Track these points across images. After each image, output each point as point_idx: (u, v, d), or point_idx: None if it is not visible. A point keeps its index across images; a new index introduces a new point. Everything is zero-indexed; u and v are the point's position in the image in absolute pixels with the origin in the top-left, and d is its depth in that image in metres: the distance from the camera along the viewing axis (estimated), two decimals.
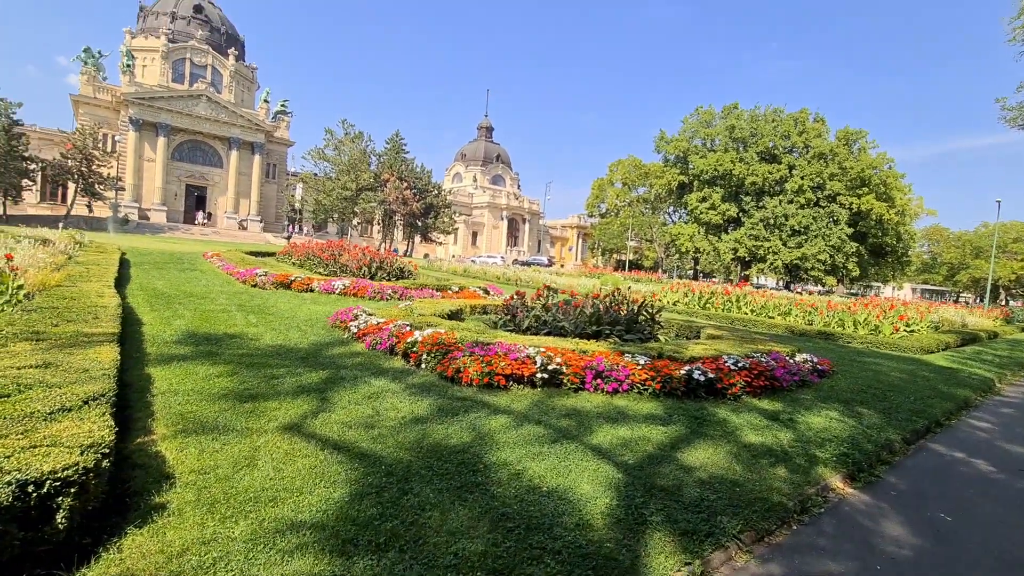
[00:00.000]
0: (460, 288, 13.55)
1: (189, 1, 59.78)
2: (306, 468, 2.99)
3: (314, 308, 9.28)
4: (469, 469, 3.17)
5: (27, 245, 11.97)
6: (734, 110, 61.30)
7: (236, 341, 6.31)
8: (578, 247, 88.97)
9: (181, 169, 52.35)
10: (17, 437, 2.33)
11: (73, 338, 4.74)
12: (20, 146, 37.83)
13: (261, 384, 4.58)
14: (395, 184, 48.30)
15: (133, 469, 2.82)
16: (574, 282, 21.48)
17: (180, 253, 19.45)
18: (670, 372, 5.37)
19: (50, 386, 3.19)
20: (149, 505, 2.46)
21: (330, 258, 16.16)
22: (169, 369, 4.85)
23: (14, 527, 1.87)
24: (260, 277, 12.01)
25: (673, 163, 64.12)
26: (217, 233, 46.91)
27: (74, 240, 16.90)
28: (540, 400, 4.80)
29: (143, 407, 3.80)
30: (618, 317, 8.14)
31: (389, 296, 11.60)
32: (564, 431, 4.02)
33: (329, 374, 5.08)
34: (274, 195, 59.14)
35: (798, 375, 6.42)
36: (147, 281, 11.32)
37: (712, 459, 3.78)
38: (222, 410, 3.84)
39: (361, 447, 3.38)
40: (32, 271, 8.40)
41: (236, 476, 2.83)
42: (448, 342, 5.66)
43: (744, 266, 59.72)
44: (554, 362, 5.28)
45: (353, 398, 4.40)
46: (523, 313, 8.11)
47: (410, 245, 57.43)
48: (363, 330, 6.83)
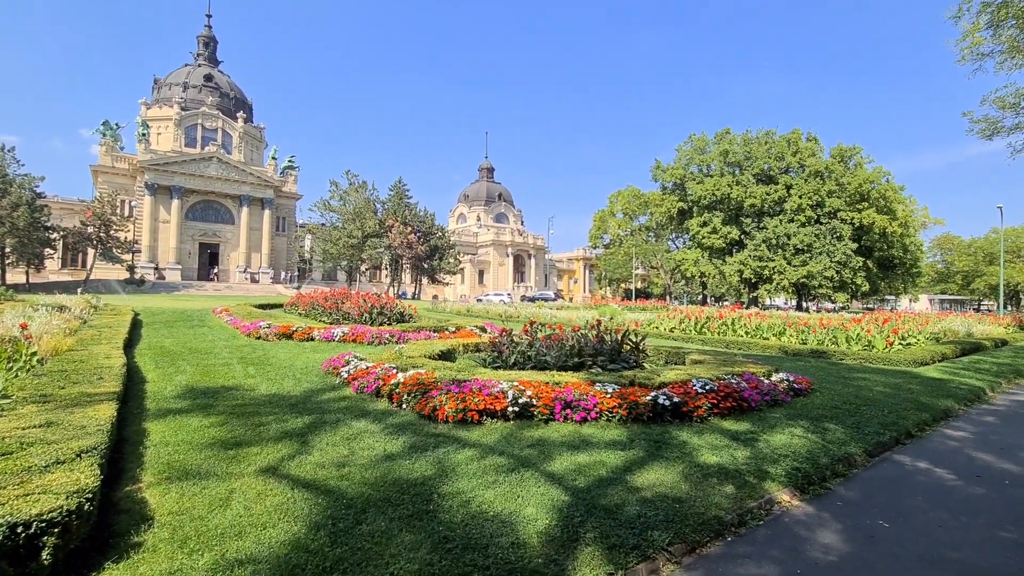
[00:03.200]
0: (457, 328, 13.90)
1: (200, 71, 63.41)
2: (274, 506, 3.30)
3: (312, 356, 9.66)
4: (423, 499, 3.45)
5: (44, 313, 12.62)
6: (726, 135, 62.55)
7: (232, 393, 6.67)
8: (585, 279, 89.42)
9: (195, 228, 54.30)
10: (13, 488, 2.68)
11: (77, 398, 5.14)
12: (42, 217, 39.69)
13: (247, 432, 4.91)
14: (400, 229, 49.54)
15: (118, 514, 3.14)
16: (573, 315, 21.76)
17: (191, 310, 20.13)
18: (636, 398, 5.61)
19: (49, 443, 3.56)
20: (128, 544, 2.78)
21: (333, 306, 16.68)
22: (164, 423, 5.21)
23: (4, 563, 2.20)
24: (264, 330, 12.48)
25: (671, 191, 65.09)
26: (230, 287, 48.13)
27: (90, 304, 17.64)
28: (510, 433, 5.06)
29: (135, 458, 4.15)
30: (601, 348, 8.41)
31: (387, 340, 11.97)
32: (524, 460, 4.28)
33: (314, 419, 5.41)
34: (284, 247, 60.78)
35: (769, 395, 6.60)
36: (156, 340, 11.82)
37: (662, 479, 4.00)
38: (207, 457, 4.18)
39: (329, 485, 3.68)
40: (46, 338, 8.92)
41: (209, 516, 3.14)
42: (427, 381, 5.98)
43: (752, 288, 59.56)
44: (525, 395, 5.56)
45: (332, 440, 4.71)
46: (509, 349, 8.42)
47: (418, 287, 58.29)
48: (353, 375, 7.17)
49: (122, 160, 52.86)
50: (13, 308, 14.85)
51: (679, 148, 65.16)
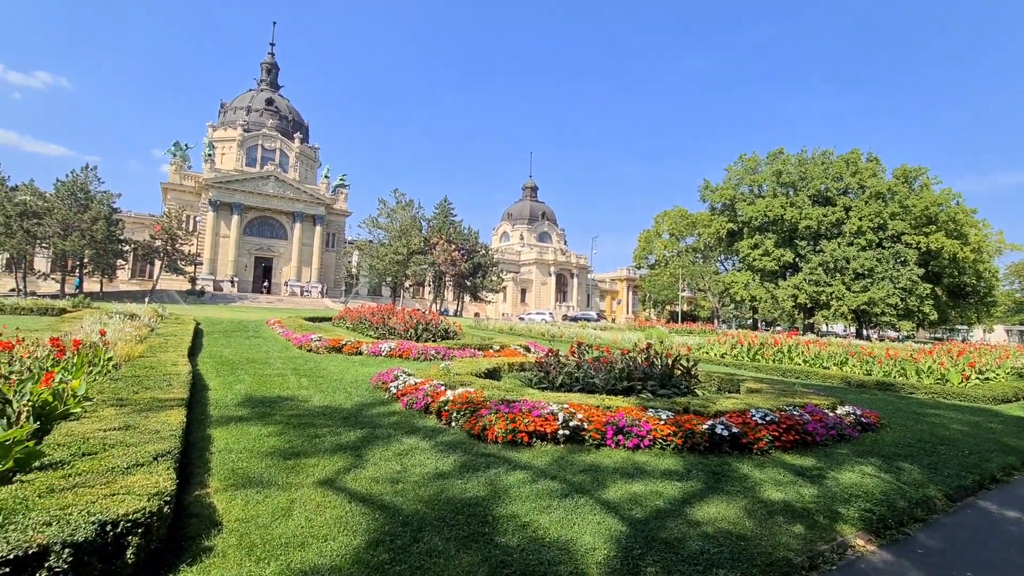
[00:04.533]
0: (502, 347, 13.92)
1: (262, 95, 67.44)
2: (333, 518, 3.35)
3: (361, 370, 9.88)
4: (478, 520, 3.42)
5: (117, 320, 13.52)
6: (779, 155, 60.80)
7: (288, 403, 6.89)
8: (628, 300, 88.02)
9: (251, 243, 57.12)
10: (101, 487, 2.84)
11: (150, 403, 5.43)
12: (117, 231, 42.81)
13: (304, 443, 5.04)
14: (444, 247, 50.46)
15: (190, 517, 3.28)
16: (618, 336, 21.39)
17: (247, 321, 21.07)
18: (692, 427, 5.41)
19: (128, 445, 3.77)
20: (200, 548, 2.88)
21: (380, 321, 17.08)
22: (227, 430, 5.43)
23: (95, 559, 2.32)
24: (315, 342, 12.89)
25: (720, 211, 63.57)
26: (281, 300, 50.15)
27: (157, 313, 18.77)
28: (561, 456, 4.98)
29: (202, 463, 4.33)
30: (651, 372, 8.20)
31: (432, 357, 12.11)
32: (578, 486, 4.19)
33: (366, 433, 5.50)
34: (333, 262, 62.99)
35: (835, 429, 6.22)
36: (215, 349, 12.41)
37: (723, 514, 3.82)
38: (268, 466, 4.31)
39: (385, 500, 3.71)
40: (120, 344, 9.52)
41: (273, 524, 3.22)
42: (476, 400, 5.99)
43: (807, 313, 56.96)
44: (576, 418, 5.47)
45: (384, 455, 4.77)
46: (556, 370, 8.34)
47: (460, 305, 58.95)
48: (402, 390, 7.28)
49: (189, 178, 56.56)
50: (91, 315, 15.99)
51: (729, 168, 63.82)
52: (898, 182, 55.62)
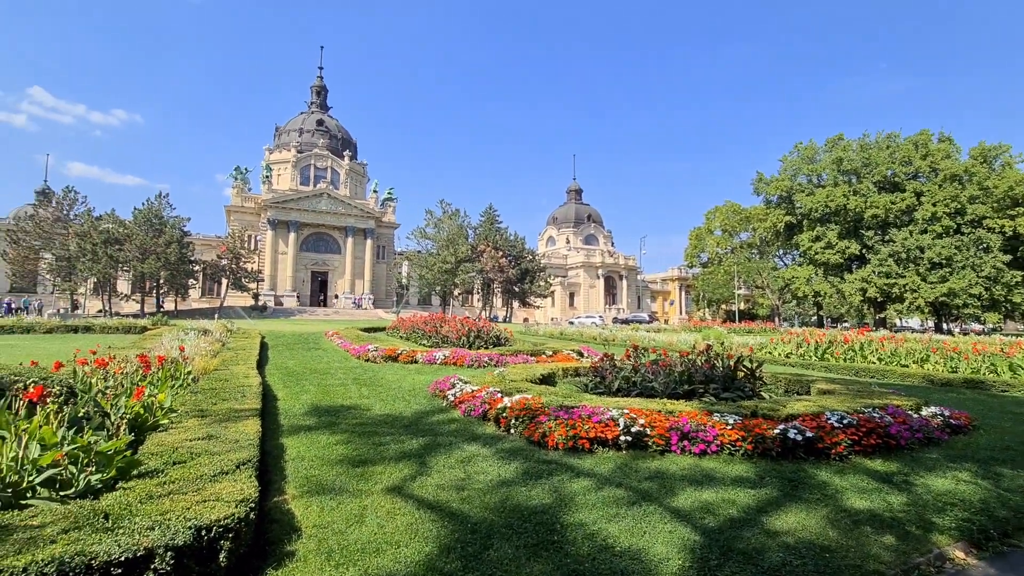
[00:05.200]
0: (554, 352, 13.86)
1: (312, 117, 70.69)
2: (404, 525, 3.43)
3: (417, 379, 10.09)
4: (546, 528, 3.40)
5: (193, 336, 14.44)
6: (839, 142, 57.61)
7: (351, 412, 7.13)
8: (681, 300, 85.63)
9: (307, 258, 59.77)
10: (192, 494, 3.03)
11: (227, 414, 5.76)
12: (188, 253, 45.92)
13: (370, 450, 5.20)
14: (491, 254, 50.94)
15: (271, 523, 3.44)
16: (673, 338, 20.82)
17: (306, 333, 22.01)
18: (763, 431, 5.18)
19: (212, 454, 4.01)
20: (282, 552, 3.02)
21: (432, 330, 17.40)
22: (297, 438, 5.67)
23: (193, 562, 2.48)
24: (372, 352, 13.29)
25: (776, 204, 60.83)
26: (337, 312, 52.11)
27: (226, 329, 19.94)
28: (624, 463, 4.88)
29: (278, 471, 4.54)
30: (712, 374, 7.92)
31: (486, 364, 12.22)
32: (644, 493, 4.09)
33: (428, 440, 5.60)
34: (384, 274, 64.89)
35: (921, 432, 5.78)
36: (280, 361, 13.02)
37: (804, 524, 3.62)
38: (339, 474, 4.46)
39: (452, 507, 3.76)
40: (197, 359, 10.16)
41: (348, 530, 3.33)
42: (534, 407, 5.98)
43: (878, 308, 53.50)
44: (638, 424, 5.35)
45: (447, 462, 4.83)
46: (612, 375, 8.20)
47: (509, 311, 59.25)
48: (459, 398, 7.37)
49: (249, 200, 59.95)
50: (169, 332, 17.19)
51: (784, 158, 61.06)
52: (976, 162, 51.33)
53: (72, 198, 46.05)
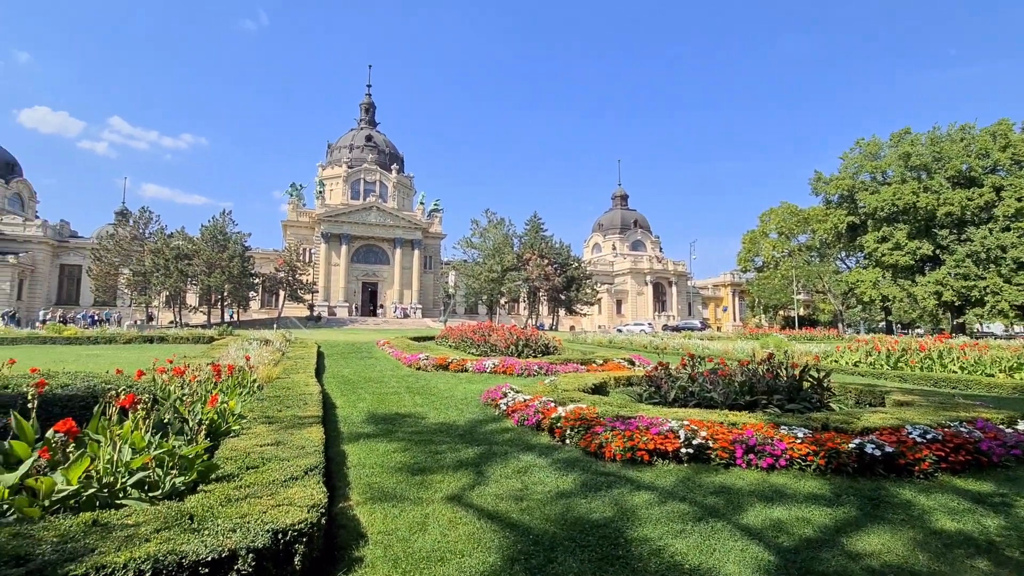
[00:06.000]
0: (604, 360, 13.66)
1: (362, 133, 73.38)
2: (466, 534, 3.44)
3: (469, 387, 10.17)
4: (610, 543, 3.32)
5: (256, 346, 15.18)
6: (906, 136, 54.19)
7: (406, 420, 7.27)
8: (735, 306, 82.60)
9: (358, 269, 61.81)
10: (267, 498, 3.16)
11: (292, 421, 5.99)
12: (249, 266, 48.51)
13: (427, 459, 5.27)
14: (536, 262, 50.97)
15: (338, 528, 3.53)
16: (729, 346, 20.06)
17: (359, 343, 22.70)
18: (836, 446, 4.87)
19: (281, 459, 4.17)
20: (351, 558, 3.09)
21: (481, 339, 17.54)
22: (357, 446, 5.83)
23: (271, 564, 2.58)
24: (423, 361, 13.53)
25: (837, 204, 57.76)
26: (387, 322, 53.49)
27: (285, 338, 20.84)
28: (686, 476, 4.72)
29: (341, 477, 4.67)
30: (776, 384, 7.56)
31: (535, 372, 12.17)
32: (710, 509, 3.93)
33: (483, 450, 5.62)
34: (431, 284, 66.14)
35: (1019, 448, 5.28)
36: (336, 369, 13.47)
37: (889, 546, 3.36)
38: (399, 481, 4.54)
39: (512, 518, 3.74)
40: (260, 367, 10.65)
41: (412, 538, 3.38)
42: (590, 417, 5.89)
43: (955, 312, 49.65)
44: (699, 436, 5.16)
45: (504, 472, 4.83)
46: (668, 384, 7.98)
47: (555, 319, 58.97)
48: (512, 407, 7.37)
49: (304, 215, 62.76)
50: (235, 342, 18.17)
51: (844, 156, 57.98)
52: None
53: (147, 217, 49.75)
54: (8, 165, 60.22)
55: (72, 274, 55.37)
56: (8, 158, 60.85)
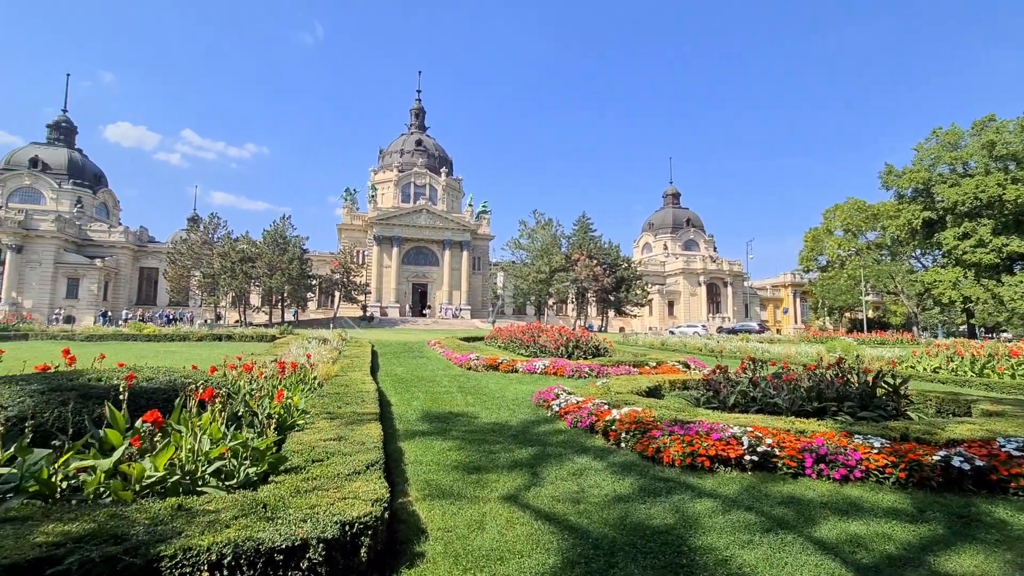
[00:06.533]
0: (658, 363, 13.33)
1: (412, 137, 75.20)
2: (524, 534, 3.43)
3: (519, 388, 10.18)
4: (673, 550, 3.22)
5: (315, 344, 15.83)
6: (990, 123, 49.89)
7: (459, 419, 7.35)
8: (795, 308, 78.65)
9: (408, 271, 63.32)
10: (333, 491, 3.28)
11: (351, 417, 6.19)
12: (307, 268, 50.71)
13: (482, 458, 5.30)
14: (585, 262, 50.46)
15: (398, 523, 3.61)
16: (791, 350, 19.10)
17: (410, 342, 23.23)
18: (919, 458, 4.52)
19: (344, 454, 4.31)
20: (413, 553, 3.16)
21: (530, 340, 17.54)
22: (413, 443, 5.95)
23: (339, 555, 2.67)
24: (473, 361, 13.66)
25: (911, 198, 53.86)
26: (436, 322, 54.48)
27: (341, 338, 21.60)
28: (750, 485, 4.51)
29: (399, 473, 4.78)
30: (846, 391, 7.13)
31: (586, 374, 12.04)
32: (779, 520, 3.74)
33: (537, 451, 5.60)
34: (480, 285, 66.82)
35: None
36: (390, 368, 13.83)
37: (983, 568, 3.08)
38: (455, 480, 4.60)
39: (569, 520, 3.70)
40: (320, 365, 11.08)
41: (470, 535, 3.41)
42: (646, 420, 5.75)
43: None
44: (764, 443, 4.93)
45: (559, 474, 4.79)
46: (727, 389, 7.69)
47: (604, 320, 58.19)
48: (564, 408, 7.31)
49: (357, 218, 64.99)
50: (295, 340, 19.02)
51: (919, 147, 53.98)
52: None
53: (215, 223, 53.07)
54: (96, 177, 65.88)
55: (150, 276, 59.80)
56: (96, 170, 66.57)
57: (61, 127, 65.57)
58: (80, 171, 63.32)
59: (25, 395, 4.33)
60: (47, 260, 50.50)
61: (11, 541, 2.29)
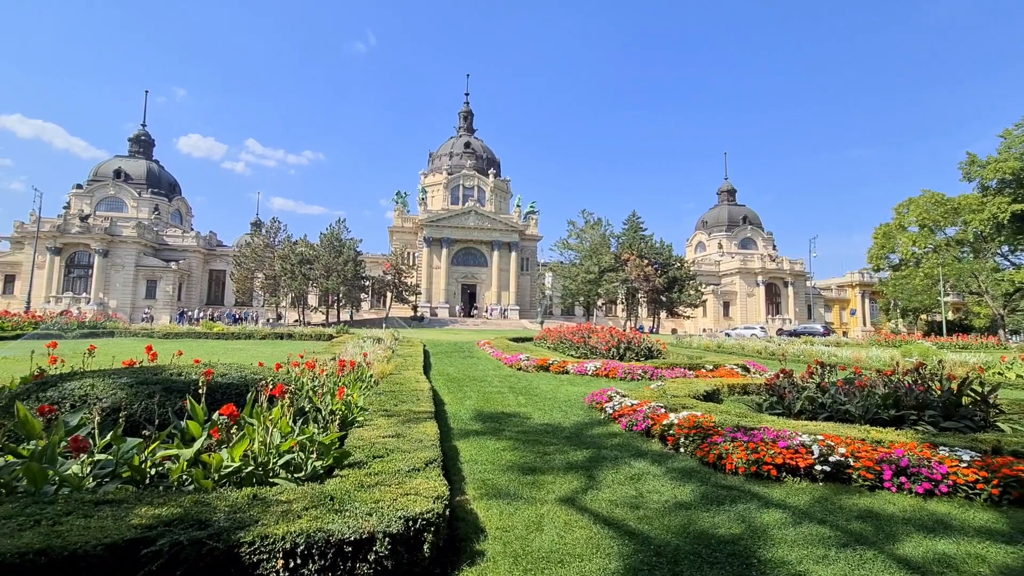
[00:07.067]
0: (715, 366, 12.88)
1: (460, 140, 76.31)
2: (584, 538, 3.39)
3: (571, 389, 10.10)
4: (741, 562, 3.08)
5: (370, 343, 16.33)
6: None
7: (512, 419, 7.37)
8: (864, 309, 74.04)
9: (457, 272, 64.24)
10: (395, 487, 3.35)
11: (408, 415, 6.33)
12: (361, 270, 52.45)
13: (536, 459, 5.29)
14: (635, 262, 49.51)
15: (457, 520, 3.66)
16: (861, 354, 17.96)
17: (460, 342, 23.53)
18: (1016, 473, 4.13)
19: (403, 451, 4.41)
20: (472, 551, 3.18)
21: (580, 341, 17.36)
22: (467, 442, 6.02)
23: (403, 550, 2.72)
24: (523, 362, 13.68)
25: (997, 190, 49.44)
26: (485, 323, 54.96)
27: (394, 337, 22.19)
28: (822, 496, 4.27)
29: (456, 472, 4.84)
30: (927, 399, 6.62)
31: (639, 376, 11.79)
32: (857, 535, 3.51)
33: (592, 453, 5.53)
34: (528, 285, 66.90)
35: None
36: (441, 367, 14.06)
37: None
38: (510, 480, 4.61)
39: (629, 525, 3.62)
40: (376, 364, 11.41)
41: (528, 536, 3.40)
42: (706, 425, 5.56)
43: None
44: (837, 453, 4.65)
45: (616, 478, 4.70)
46: (792, 394, 7.31)
47: (655, 322, 56.87)
48: (618, 411, 7.18)
49: (408, 221, 66.62)
50: (351, 339, 19.71)
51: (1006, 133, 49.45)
52: None
53: (276, 227, 55.82)
54: (171, 186, 70.97)
55: (218, 278, 63.71)
56: (171, 180, 71.70)
57: (140, 140, 71.03)
58: (157, 180, 68.40)
59: (117, 388, 4.70)
60: (129, 263, 54.84)
61: (110, 522, 2.48)
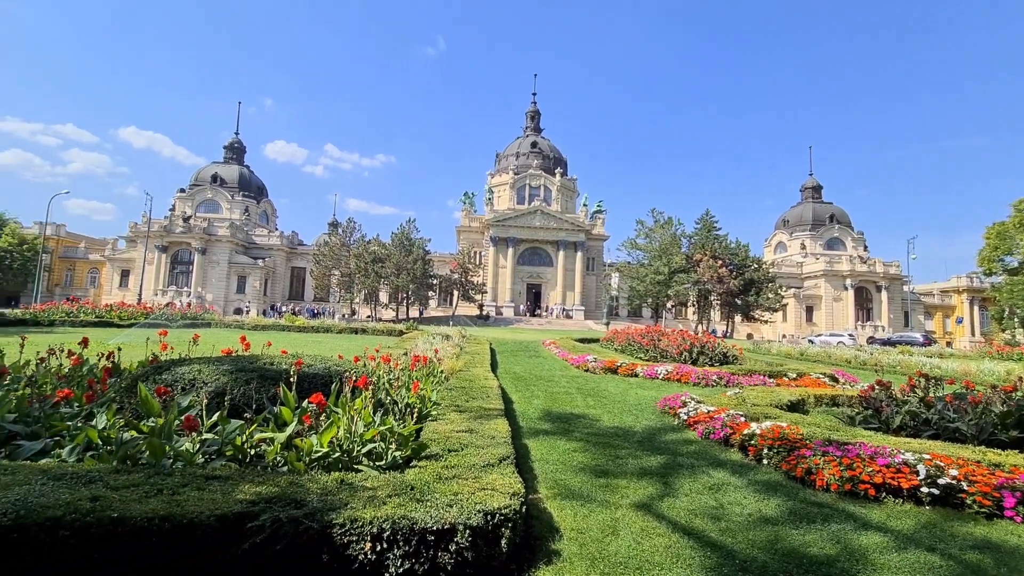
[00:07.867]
0: (798, 375, 12.07)
1: (527, 140, 76.58)
2: (662, 546, 3.28)
3: (641, 393, 9.85)
4: None
5: (439, 340, 16.78)
6: None
7: (581, 420, 7.29)
8: (972, 317, 66.75)
9: (523, 271, 64.55)
10: (471, 481, 3.41)
11: (479, 411, 6.42)
12: (429, 269, 54.03)
13: (608, 462, 5.20)
14: (708, 263, 47.52)
15: (531, 519, 3.66)
16: (970, 366, 16.16)
17: (525, 341, 23.62)
18: None
19: (477, 447, 4.48)
20: (548, 550, 3.17)
21: (649, 343, 16.89)
22: (537, 441, 6.02)
23: (482, 543, 2.76)
24: (591, 363, 13.50)
25: None
26: (550, 323, 54.85)
27: (461, 335, 22.67)
28: (930, 522, 3.87)
29: (527, 470, 4.85)
30: None
31: (714, 382, 11.29)
32: (973, 567, 3.14)
33: (666, 460, 5.35)
34: (594, 285, 66.04)
35: None
36: (508, 366, 14.17)
37: None
38: (583, 482, 4.56)
39: (711, 537, 3.47)
40: (446, 360, 11.70)
41: (604, 540, 3.34)
42: (792, 437, 5.21)
43: None
44: (947, 475, 4.20)
45: (694, 487, 4.52)
46: (891, 408, 6.70)
47: (729, 326, 54.28)
48: (693, 418, 6.91)
49: (475, 221, 67.77)
50: (421, 336, 20.35)
51: None
52: None
53: (351, 227, 58.78)
54: (259, 189, 76.70)
55: (299, 275, 68.07)
56: (259, 183, 77.48)
57: (234, 147, 77.30)
58: (247, 184, 74.14)
59: (220, 374, 5.13)
60: (223, 260, 59.89)
61: (220, 495, 2.71)
